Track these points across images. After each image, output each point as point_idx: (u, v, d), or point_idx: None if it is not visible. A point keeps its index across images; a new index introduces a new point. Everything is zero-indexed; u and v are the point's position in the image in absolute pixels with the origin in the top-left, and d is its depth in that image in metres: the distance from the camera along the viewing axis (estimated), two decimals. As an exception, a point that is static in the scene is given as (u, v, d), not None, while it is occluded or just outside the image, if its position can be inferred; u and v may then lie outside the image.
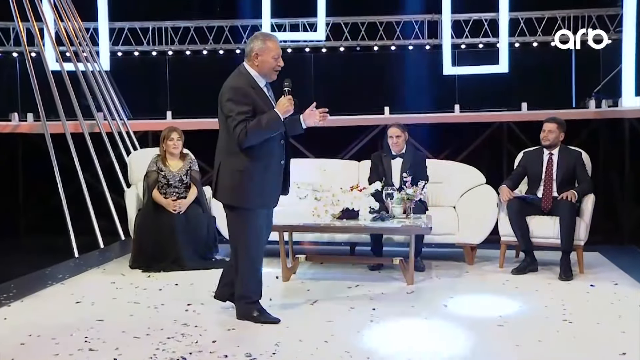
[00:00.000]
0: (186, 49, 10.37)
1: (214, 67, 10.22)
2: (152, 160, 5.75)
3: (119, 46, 10.19)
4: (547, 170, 5.50)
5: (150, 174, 5.70)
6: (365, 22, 10.09)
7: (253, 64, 3.88)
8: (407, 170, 5.55)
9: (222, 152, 3.90)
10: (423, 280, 5.13)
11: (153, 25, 10.28)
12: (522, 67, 9.65)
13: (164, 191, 5.68)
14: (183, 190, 5.73)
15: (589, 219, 5.36)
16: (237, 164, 3.82)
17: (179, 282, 5.08)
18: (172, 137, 5.76)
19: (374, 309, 4.28)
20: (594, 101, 8.78)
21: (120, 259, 5.94)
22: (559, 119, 5.61)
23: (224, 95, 3.83)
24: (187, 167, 5.79)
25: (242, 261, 3.96)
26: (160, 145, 5.81)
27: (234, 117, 3.77)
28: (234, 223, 3.95)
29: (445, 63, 9.63)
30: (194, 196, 5.71)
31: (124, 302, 4.51)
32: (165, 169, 5.72)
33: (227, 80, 3.89)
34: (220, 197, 3.93)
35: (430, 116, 8.87)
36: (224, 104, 3.81)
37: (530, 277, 5.21)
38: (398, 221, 5.06)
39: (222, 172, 3.88)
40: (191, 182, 5.76)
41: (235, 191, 3.85)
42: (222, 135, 3.91)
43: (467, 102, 9.26)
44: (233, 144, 3.80)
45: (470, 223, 5.67)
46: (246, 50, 3.92)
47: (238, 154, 3.80)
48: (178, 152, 5.79)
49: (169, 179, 5.69)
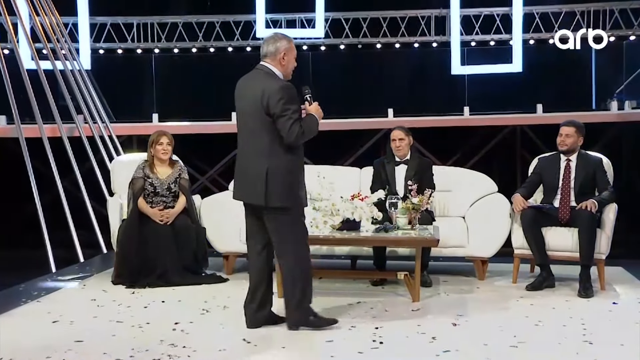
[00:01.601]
0: (174, 47, 10.41)
1: (204, 66, 10.27)
2: (139, 166, 5.76)
3: (101, 43, 10.23)
4: (564, 177, 5.51)
5: (136, 181, 5.71)
6: (367, 17, 10.14)
7: (279, 63, 4.12)
8: (412, 177, 5.55)
9: (264, 155, 4.05)
10: (430, 296, 5.13)
11: (138, 21, 10.32)
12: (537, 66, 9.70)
13: (151, 200, 5.68)
14: (171, 199, 5.73)
15: (610, 231, 5.35)
16: (288, 165, 4.07)
17: (165, 299, 5.07)
18: (162, 142, 5.76)
19: (377, 328, 4.27)
20: (616, 102, 8.80)
21: (101, 274, 5.92)
22: (578, 122, 5.62)
23: (274, 95, 3.98)
24: (177, 175, 5.80)
25: (296, 265, 4.16)
26: (148, 151, 5.82)
27: (289, 116, 3.99)
28: (287, 226, 4.13)
29: (454, 62, 9.68)
30: (183, 206, 5.71)
31: (106, 321, 4.49)
32: (152, 176, 5.72)
33: (263, 81, 4.05)
34: (274, 201, 4.05)
35: (438, 119, 8.91)
36: (276, 104, 3.98)
37: (546, 293, 5.20)
38: (403, 232, 5.06)
39: (271, 175, 4.03)
40: (180, 191, 5.76)
41: (291, 191, 4.08)
42: (262, 139, 4.05)
43: (478, 104, 9.30)
44: (278, 145, 4.02)
45: (481, 235, 5.67)
46: (268, 49, 4.13)
47: (284, 154, 4.04)
48: (167, 158, 5.80)
49: (156, 187, 5.70)
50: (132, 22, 10.29)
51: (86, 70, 9.05)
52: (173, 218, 5.60)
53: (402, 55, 10.22)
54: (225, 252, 5.94)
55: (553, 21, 9.85)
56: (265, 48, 4.13)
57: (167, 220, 5.57)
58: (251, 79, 4.16)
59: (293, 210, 4.11)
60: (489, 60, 9.71)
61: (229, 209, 5.99)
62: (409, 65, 10.17)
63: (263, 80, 4.07)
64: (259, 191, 4.03)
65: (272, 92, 3.99)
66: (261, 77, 4.09)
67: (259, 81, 4.08)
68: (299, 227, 4.19)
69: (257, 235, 4.24)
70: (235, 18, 10.31)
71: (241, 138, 4.18)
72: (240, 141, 4.19)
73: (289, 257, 4.16)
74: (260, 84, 4.05)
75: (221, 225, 5.90)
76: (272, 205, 4.05)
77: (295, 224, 4.15)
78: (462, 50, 9.73)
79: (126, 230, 5.57)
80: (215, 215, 5.94)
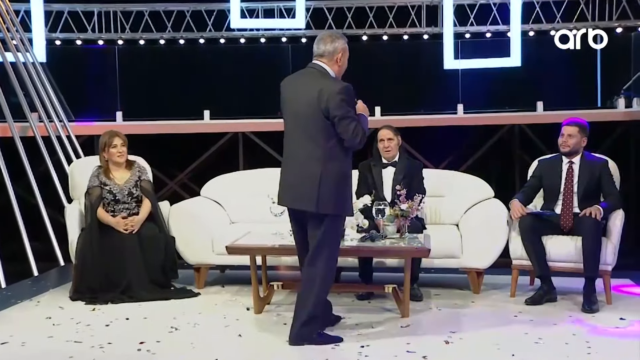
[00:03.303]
0: (139, 38, 10.36)
1: (174, 59, 10.24)
2: (93, 174, 5.72)
3: (57, 33, 10.16)
4: (566, 181, 5.55)
5: (92, 191, 5.66)
6: (352, 6, 10.17)
7: (335, 63, 4.33)
8: (401, 181, 5.57)
9: (319, 159, 4.21)
10: (420, 311, 5.14)
11: (99, 9, 10.26)
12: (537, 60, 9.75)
13: (112, 209, 5.65)
14: (134, 205, 5.70)
15: (617, 240, 5.39)
16: (342, 169, 4.29)
17: (130, 315, 5.04)
18: (116, 144, 5.72)
19: (363, 347, 4.28)
20: (623, 100, 8.86)
21: (58, 289, 5.88)
22: (581, 121, 5.66)
23: (336, 96, 4.15)
24: (136, 178, 5.76)
25: (323, 277, 4.30)
26: (101, 155, 5.77)
27: (353, 118, 4.20)
28: (330, 235, 4.29)
29: (447, 55, 9.71)
30: (148, 211, 5.68)
31: (62, 341, 4.46)
32: (109, 182, 5.68)
33: (320, 81, 4.23)
34: (325, 208, 4.21)
35: (429, 118, 8.95)
36: (338, 106, 4.14)
37: (547, 308, 5.24)
38: (391, 242, 5.07)
39: (325, 181, 4.19)
40: (143, 194, 5.73)
41: (342, 199, 4.29)
42: (318, 142, 4.22)
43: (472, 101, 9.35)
44: (334, 149, 4.21)
45: (476, 244, 5.69)
46: (326, 49, 4.32)
47: (339, 159, 4.25)
48: (124, 161, 5.77)
49: (116, 194, 5.66)
50: (93, 10, 10.23)
51: (41, 63, 8.99)
52: (139, 226, 5.58)
53: (390, 48, 10.25)
54: (197, 263, 5.93)
55: (555, 11, 9.91)
56: (323, 47, 4.31)
57: (133, 229, 5.54)
58: (304, 78, 4.33)
59: (339, 219, 4.36)
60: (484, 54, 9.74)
61: (200, 216, 6.01)
62: (398, 59, 10.20)
63: (319, 80, 4.24)
64: (310, 196, 4.19)
65: (333, 93, 4.16)
66: (316, 77, 4.27)
67: (315, 81, 4.24)
68: (337, 238, 4.41)
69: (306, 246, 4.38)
70: (208, 7, 10.29)
71: (292, 141, 4.35)
72: (290, 144, 4.36)
73: (319, 267, 4.29)
74: (316, 84, 4.21)
75: (192, 234, 5.89)
76: (323, 212, 4.21)
77: (336, 233, 4.37)
78: (455, 43, 9.75)
79: (86, 240, 5.54)
80: (186, 223, 5.93)
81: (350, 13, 10.13)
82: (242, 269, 5.78)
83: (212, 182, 6.61)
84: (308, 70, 4.36)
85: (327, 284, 4.35)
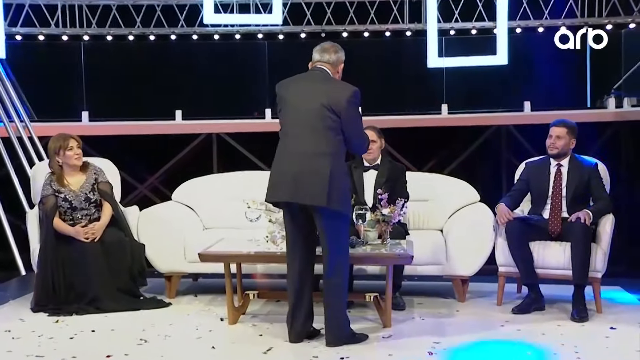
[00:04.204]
0: (107, 33, 10.32)
1: (143, 56, 10.21)
2: (46, 182, 5.65)
3: (18, 28, 10.09)
4: (555, 185, 5.59)
5: (46, 200, 5.60)
6: (331, 1, 10.20)
7: (336, 72, 4.65)
8: (383, 185, 5.59)
9: (330, 154, 4.43)
10: (403, 321, 5.16)
11: (63, 2, 10.20)
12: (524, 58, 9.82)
13: (70, 217, 5.60)
14: (94, 210, 5.66)
15: (607, 245, 5.44)
16: (344, 168, 4.62)
17: (96, 327, 5.01)
18: (72, 146, 5.66)
19: (343, 358, 4.28)
20: (613, 99, 8.92)
21: (19, 299, 5.84)
22: (570, 122, 5.71)
23: (349, 98, 4.45)
24: (92, 180, 5.70)
25: (342, 277, 4.54)
26: (53, 161, 5.68)
27: (361, 122, 4.63)
28: (339, 232, 4.53)
29: (431, 53, 9.75)
30: (110, 215, 5.64)
31: (23, 356, 4.41)
32: (64, 189, 5.62)
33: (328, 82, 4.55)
34: (336, 204, 4.41)
35: (412, 119, 8.97)
36: (350, 107, 4.46)
37: (535, 317, 5.27)
38: (371, 248, 5.09)
39: (336, 175, 4.41)
40: (102, 197, 5.68)
41: (346, 196, 4.56)
42: (325, 139, 4.44)
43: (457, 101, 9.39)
44: (342, 146, 4.50)
45: (461, 250, 5.72)
46: (330, 58, 4.61)
47: (342, 157, 4.54)
48: (81, 163, 5.72)
49: (72, 201, 5.61)
50: (57, 3, 10.16)
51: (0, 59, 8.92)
52: (101, 232, 5.53)
53: (372, 45, 10.28)
54: (168, 272, 5.91)
55: (543, 7, 9.99)
56: (327, 56, 4.61)
57: (94, 237, 5.50)
58: (311, 78, 4.61)
59: (346, 217, 4.56)
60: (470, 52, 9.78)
61: (172, 222, 6.00)
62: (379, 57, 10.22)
63: (327, 80, 4.56)
64: (320, 191, 4.35)
65: (347, 95, 4.45)
66: (325, 78, 4.57)
67: (324, 80, 4.55)
68: (347, 235, 4.68)
69: (303, 247, 4.59)
70: (180, 1, 10.26)
71: (294, 136, 4.51)
72: (291, 140, 4.52)
73: (336, 266, 4.50)
74: (325, 84, 4.52)
75: (163, 241, 5.87)
76: (334, 208, 4.39)
77: (347, 230, 4.61)
78: (439, 40, 9.79)
79: (45, 253, 5.48)
80: (156, 230, 5.91)
81: (330, 8, 10.16)
82: (215, 277, 5.77)
83: (185, 186, 6.59)
84: (313, 72, 4.63)
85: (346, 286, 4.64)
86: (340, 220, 4.48)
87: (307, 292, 4.61)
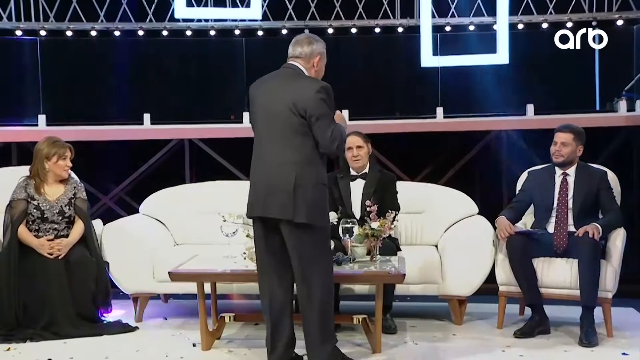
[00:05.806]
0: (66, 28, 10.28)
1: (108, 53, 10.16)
2: (20, 185, 5.67)
3: (-32, 23, 10.04)
4: (560, 196, 5.63)
5: (15, 204, 5.62)
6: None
7: (312, 67, 4.58)
8: (372, 196, 5.62)
9: (296, 162, 4.39)
10: (394, 346, 5.18)
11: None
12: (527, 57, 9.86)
13: (37, 227, 5.60)
14: (64, 226, 5.67)
15: (618, 263, 5.48)
16: (320, 176, 4.48)
17: (53, 355, 5.00)
18: (66, 156, 5.71)
19: (328, 388, 4.30)
20: (624, 102, 8.96)
21: (-31, 323, 5.80)
22: (576, 127, 5.75)
23: (315, 95, 4.37)
24: (71, 195, 5.73)
25: (323, 295, 4.46)
26: (39, 165, 5.70)
27: (332, 119, 4.46)
28: (314, 248, 4.44)
29: (424, 51, 9.76)
30: (80, 234, 5.65)
31: (-27, 385, 4.41)
32: (39, 197, 5.64)
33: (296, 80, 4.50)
34: (302, 216, 4.35)
35: (404, 123, 8.98)
36: (318, 105, 4.37)
37: (539, 341, 5.30)
38: (360, 265, 5.10)
39: (302, 186, 4.37)
40: (76, 214, 5.69)
41: (318, 207, 4.44)
42: (292, 145, 4.42)
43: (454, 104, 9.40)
44: (313, 152, 4.42)
45: (457, 268, 5.75)
46: (303, 50, 4.57)
47: (318, 163, 4.46)
48: (67, 176, 5.75)
49: (44, 211, 5.62)
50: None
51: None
52: (67, 250, 5.53)
53: (360, 43, 10.27)
54: (134, 292, 5.91)
55: (547, 1, 10.04)
56: (300, 49, 4.57)
57: (59, 253, 5.49)
58: (279, 78, 4.58)
59: (323, 230, 4.49)
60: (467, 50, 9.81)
61: (139, 237, 6.00)
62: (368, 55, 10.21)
63: (296, 78, 4.51)
64: (286, 203, 4.34)
65: (312, 92, 4.38)
66: (293, 76, 4.53)
67: (291, 79, 4.51)
68: (328, 249, 4.61)
69: (278, 266, 4.54)
70: (147, -7, 10.27)
71: (264, 145, 4.51)
72: (262, 149, 4.52)
73: (314, 285, 4.43)
74: (293, 82, 4.48)
75: (129, 258, 5.87)
76: (299, 220, 4.34)
77: (324, 244, 4.54)
78: (434, 37, 9.81)
79: (2, 266, 5.47)
80: (122, 246, 5.91)
81: (314, 2, 10.16)
82: (187, 298, 5.77)
83: (153, 198, 6.60)
84: (282, 70, 4.61)
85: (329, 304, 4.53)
86: (314, 235, 4.43)
87: (287, 315, 4.59)
